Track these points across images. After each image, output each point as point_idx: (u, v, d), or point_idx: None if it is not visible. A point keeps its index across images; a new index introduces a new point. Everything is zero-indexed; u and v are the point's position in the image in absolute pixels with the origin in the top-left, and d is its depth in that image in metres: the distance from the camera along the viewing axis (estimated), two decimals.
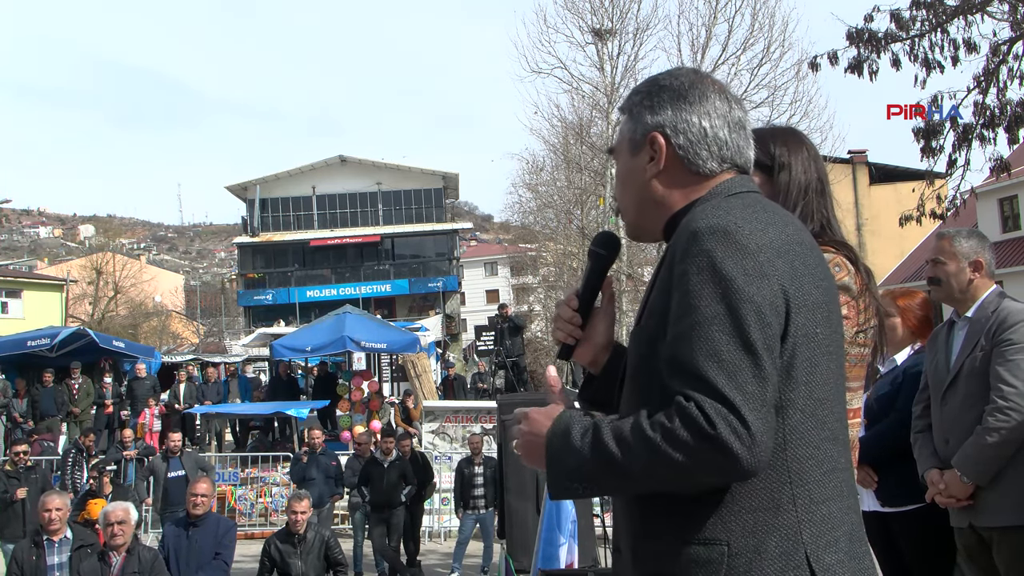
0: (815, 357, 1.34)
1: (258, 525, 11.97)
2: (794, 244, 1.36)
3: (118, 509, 5.78)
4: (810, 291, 1.34)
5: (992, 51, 8.68)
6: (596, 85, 21.48)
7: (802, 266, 1.34)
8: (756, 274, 1.28)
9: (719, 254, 1.29)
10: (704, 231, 1.32)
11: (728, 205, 1.39)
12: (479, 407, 13.78)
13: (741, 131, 1.51)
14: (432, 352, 22.65)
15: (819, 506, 1.31)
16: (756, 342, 1.24)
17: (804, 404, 1.32)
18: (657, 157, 1.50)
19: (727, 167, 1.50)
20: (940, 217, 9.67)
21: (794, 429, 1.31)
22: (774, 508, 1.28)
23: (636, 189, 1.55)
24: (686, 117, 1.48)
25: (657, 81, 1.55)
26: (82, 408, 15.18)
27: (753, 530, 1.28)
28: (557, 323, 1.66)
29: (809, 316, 1.33)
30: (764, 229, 1.33)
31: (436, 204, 45.68)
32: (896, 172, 29.21)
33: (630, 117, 1.56)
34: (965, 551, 3.32)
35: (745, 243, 1.30)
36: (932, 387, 3.43)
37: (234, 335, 46.66)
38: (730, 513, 1.28)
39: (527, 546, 5.91)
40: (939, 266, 3.40)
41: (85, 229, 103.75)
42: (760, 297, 1.27)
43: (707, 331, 1.25)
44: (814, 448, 1.32)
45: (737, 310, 1.25)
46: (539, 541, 5.33)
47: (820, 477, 1.32)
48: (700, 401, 1.22)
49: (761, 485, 1.28)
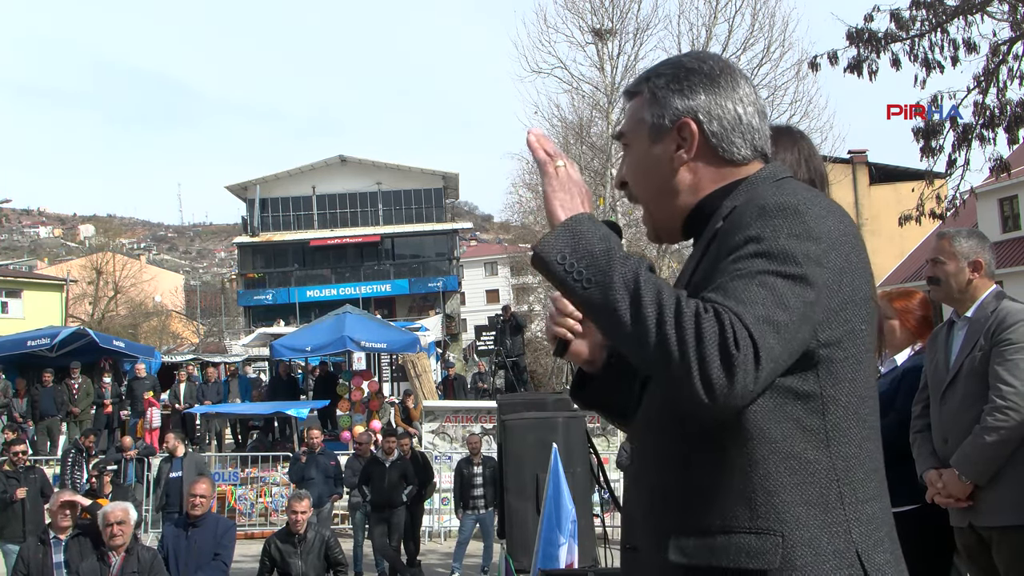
0: (859, 354, 1.31)
1: (258, 525, 11.97)
2: (849, 236, 1.30)
3: (117, 509, 5.78)
4: (860, 286, 1.31)
5: (992, 51, 8.69)
6: (596, 85, 21.49)
7: (856, 259, 1.30)
8: (815, 261, 1.23)
9: (785, 231, 1.24)
10: (774, 208, 1.27)
11: (794, 187, 1.35)
12: (479, 407, 13.78)
13: (765, 119, 1.47)
14: (432, 352, 22.65)
15: (864, 505, 1.29)
16: (794, 310, 1.19)
17: (847, 401, 1.29)
18: (688, 144, 1.43)
19: (757, 155, 1.45)
20: (940, 217, 9.68)
21: (836, 426, 1.28)
22: (823, 504, 1.26)
23: (659, 178, 1.47)
24: (721, 102, 1.42)
25: (683, 64, 1.47)
26: (82, 408, 15.19)
27: (806, 523, 1.24)
28: (553, 317, 1.57)
29: (856, 311, 1.30)
30: (826, 217, 1.28)
31: (436, 204, 45.68)
32: (896, 172, 29.22)
33: (653, 101, 1.46)
34: (964, 551, 3.33)
35: (812, 226, 1.25)
36: (931, 387, 3.44)
37: (234, 335, 46.65)
38: (783, 504, 1.24)
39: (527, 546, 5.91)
40: (939, 266, 3.41)
41: (85, 229, 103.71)
42: (816, 279, 1.22)
43: (750, 283, 1.20)
44: (856, 447, 1.30)
45: (789, 276, 1.21)
46: (539, 541, 5.33)
47: (863, 476, 1.30)
48: (733, 320, 1.16)
49: (810, 480, 1.26)
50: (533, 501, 6.33)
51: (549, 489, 5.40)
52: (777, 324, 1.18)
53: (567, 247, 1.26)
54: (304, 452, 10.71)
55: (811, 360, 1.26)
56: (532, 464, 6.28)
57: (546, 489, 5.46)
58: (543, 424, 6.22)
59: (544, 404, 6.85)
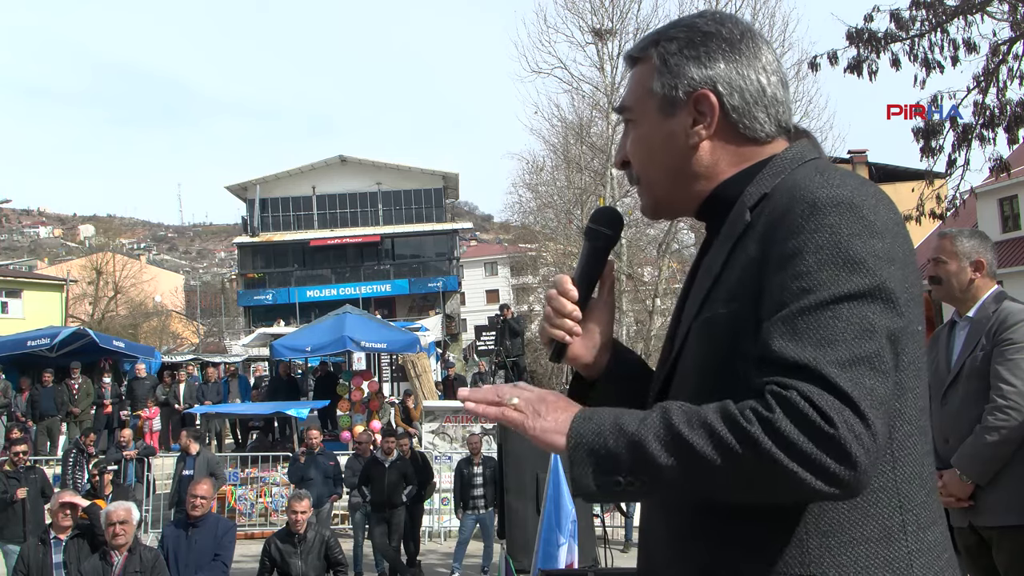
0: (918, 359, 1.14)
1: (258, 525, 11.98)
2: (901, 225, 1.15)
3: (120, 509, 5.81)
4: (916, 281, 1.14)
5: (992, 51, 8.68)
6: (596, 85, 21.51)
7: (909, 251, 1.14)
8: (886, 258, 1.07)
9: (846, 231, 1.07)
10: (827, 203, 1.09)
11: (836, 175, 1.15)
12: None
13: (788, 90, 1.30)
14: (432, 352, 22.65)
15: (926, 532, 1.12)
16: (881, 333, 1.03)
17: (911, 414, 1.13)
18: (707, 120, 1.25)
19: (781, 131, 1.28)
20: (940, 217, 9.67)
21: (902, 444, 1.12)
22: (886, 538, 1.09)
23: (672, 157, 1.28)
24: (743, 72, 1.24)
25: (697, 27, 1.28)
26: (82, 408, 15.19)
27: (866, 565, 1.07)
28: (548, 318, 1.36)
29: (914, 310, 1.12)
30: (877, 205, 1.12)
31: (436, 204, 45.68)
32: (896, 172, 29.20)
33: (665, 68, 1.27)
34: (965, 551, 3.33)
35: (873, 220, 1.09)
36: (932, 387, 3.43)
37: (234, 335, 46.68)
38: (839, 545, 1.08)
39: (527, 546, 5.91)
40: (940, 265, 3.40)
41: (85, 229, 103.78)
42: (892, 283, 1.06)
43: (822, 316, 1.04)
44: (918, 465, 1.13)
45: (865, 295, 1.05)
46: (539, 541, 5.33)
47: (924, 498, 1.13)
48: (808, 392, 0.98)
49: (872, 511, 1.09)
50: (533, 501, 6.34)
51: (549, 489, 5.40)
52: (870, 359, 1.01)
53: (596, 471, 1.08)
54: (303, 452, 10.71)
55: None
56: (532, 464, 6.28)
57: (546, 489, 5.46)
58: None
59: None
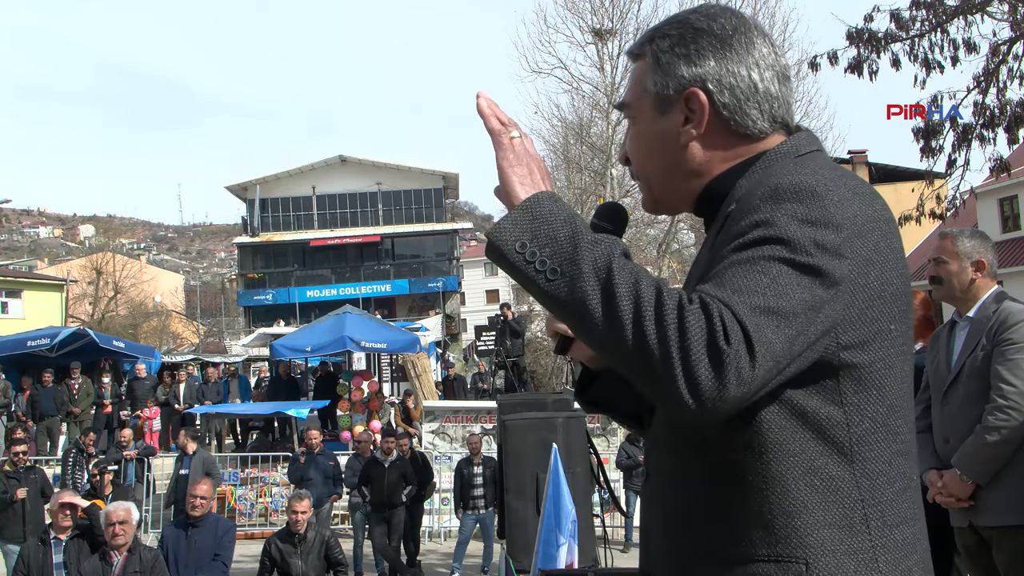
0: (890, 357, 1.14)
1: (258, 525, 11.97)
2: (880, 222, 1.13)
3: (120, 509, 5.81)
4: (891, 279, 1.13)
5: (992, 51, 8.69)
6: (596, 85, 21.53)
7: (887, 249, 1.13)
8: (833, 251, 1.06)
9: (799, 216, 1.08)
10: (788, 188, 1.10)
11: (815, 164, 1.16)
12: (479, 407, 13.78)
13: (788, 83, 1.28)
14: (432, 352, 22.65)
15: (893, 530, 1.13)
16: (799, 301, 1.03)
17: (875, 412, 1.13)
18: (697, 118, 1.25)
19: (778, 126, 1.27)
20: (940, 217, 9.68)
21: (862, 440, 1.12)
22: (848, 527, 1.11)
23: (666, 155, 1.29)
24: (733, 68, 1.23)
25: (689, 23, 1.27)
26: (82, 408, 15.19)
27: (831, 549, 1.10)
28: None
29: (885, 309, 1.12)
30: (851, 200, 1.11)
31: (436, 204, 45.68)
32: (896, 172, 29.22)
33: (657, 67, 1.28)
34: (965, 551, 3.33)
35: (832, 212, 1.08)
36: (933, 387, 3.44)
37: (234, 335, 46.68)
38: (805, 527, 1.10)
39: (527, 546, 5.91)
40: (941, 265, 3.40)
41: (85, 229, 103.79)
42: (828, 273, 1.06)
43: (749, 270, 1.05)
44: (886, 463, 1.14)
45: (795, 266, 1.05)
46: (539, 541, 5.33)
47: (893, 496, 1.14)
48: (723, 311, 1.01)
49: (834, 498, 1.11)
50: (533, 501, 6.33)
51: (549, 489, 5.40)
52: (779, 315, 1.02)
53: (526, 232, 1.10)
54: (303, 452, 10.70)
55: (832, 365, 1.11)
56: (532, 464, 6.28)
57: (546, 489, 5.46)
58: (543, 424, 6.22)
59: (544, 404, 6.86)
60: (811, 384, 1.11)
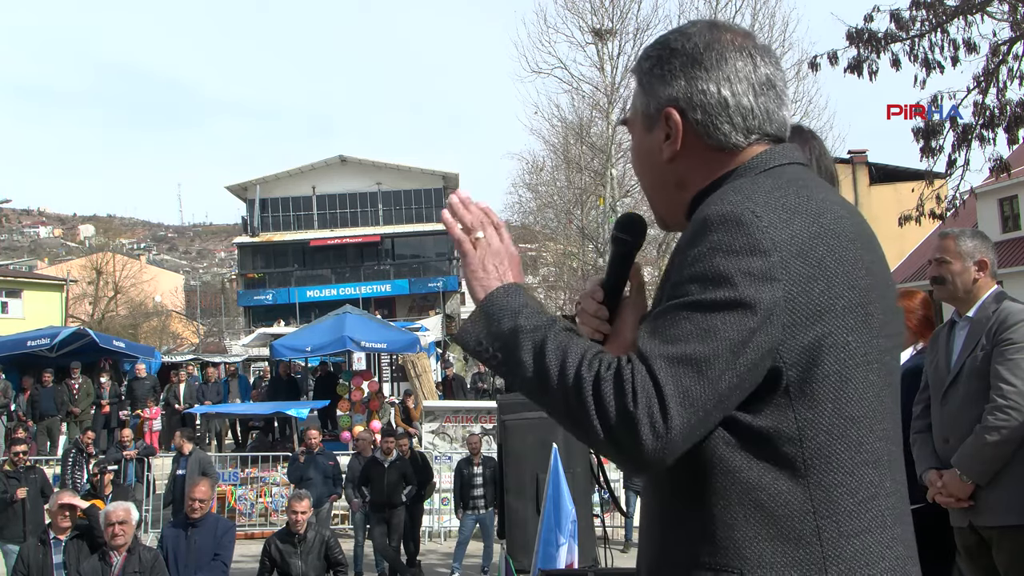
0: (846, 370, 1.16)
1: (258, 525, 11.97)
2: (828, 237, 1.17)
3: (119, 509, 5.81)
4: (841, 292, 1.16)
5: (992, 51, 8.68)
6: (596, 85, 21.53)
7: (834, 262, 1.16)
8: (760, 276, 1.11)
9: (724, 247, 1.13)
10: (715, 219, 1.16)
11: (754, 186, 1.20)
12: (479, 407, 13.78)
13: (770, 91, 1.31)
14: (432, 352, 22.65)
15: (850, 540, 1.15)
16: (721, 341, 1.09)
17: (831, 424, 1.16)
18: (673, 135, 1.31)
19: (755, 138, 1.30)
20: (940, 217, 9.67)
21: (818, 453, 1.15)
22: (795, 540, 1.14)
23: (653, 170, 1.37)
24: (702, 87, 1.28)
25: (668, 43, 1.34)
26: (82, 408, 15.19)
27: (770, 562, 1.14)
28: (581, 317, 1.46)
29: (837, 322, 1.15)
30: (789, 220, 1.15)
31: (436, 204, 45.66)
32: (896, 172, 29.24)
33: (641, 89, 1.37)
34: (965, 551, 3.32)
35: (759, 239, 1.12)
36: (932, 387, 3.43)
37: (234, 335, 46.69)
38: (745, 540, 1.14)
39: (527, 546, 5.91)
40: (944, 265, 3.39)
41: (85, 229, 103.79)
42: (754, 300, 1.10)
43: (670, 317, 1.13)
44: (846, 474, 1.16)
45: (717, 306, 1.10)
46: (539, 541, 5.33)
47: (853, 507, 1.16)
48: (637, 371, 1.09)
49: (780, 512, 1.14)
50: (533, 501, 6.34)
51: (549, 489, 5.40)
52: (698, 361, 1.08)
53: (482, 331, 1.25)
54: (302, 452, 10.70)
55: (778, 382, 1.14)
56: (532, 464, 6.29)
57: (546, 489, 5.46)
58: (543, 424, 6.22)
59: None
60: (759, 403, 1.15)
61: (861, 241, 1.22)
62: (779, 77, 1.33)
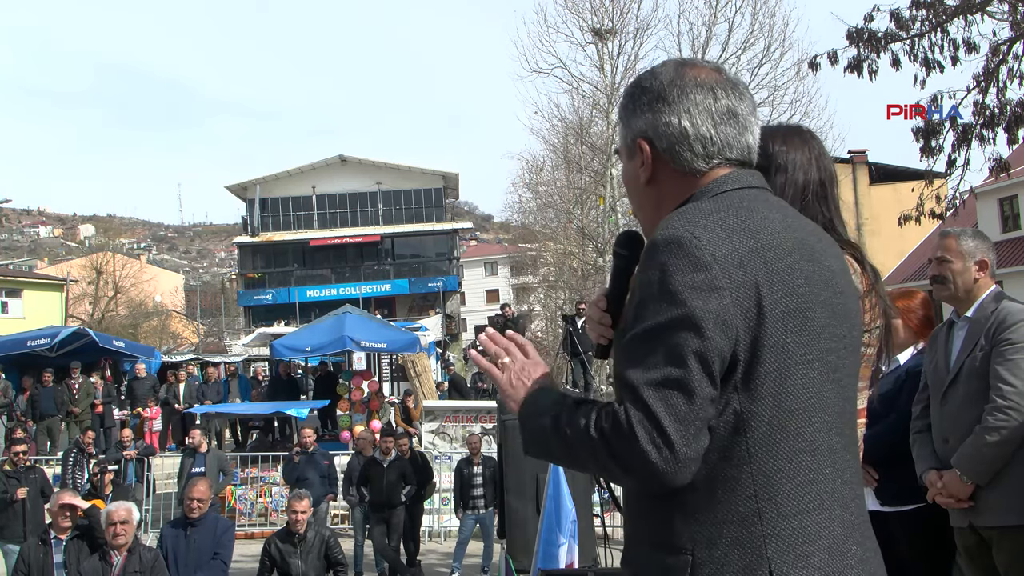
0: (785, 368, 1.31)
1: (258, 525, 11.98)
2: (765, 251, 1.32)
3: (121, 509, 5.81)
4: (779, 299, 1.30)
5: (992, 51, 8.68)
6: (596, 85, 21.53)
7: (771, 274, 1.31)
8: (705, 288, 1.27)
9: (670, 267, 1.29)
10: (660, 242, 1.32)
11: (695, 211, 1.37)
12: (479, 407, 13.79)
13: (732, 121, 1.47)
14: (432, 352, 22.65)
15: (788, 520, 1.29)
16: (690, 358, 1.25)
17: (771, 416, 1.30)
18: (646, 163, 1.50)
19: (716, 163, 1.46)
20: (939, 217, 9.68)
21: (759, 442, 1.29)
22: (739, 521, 1.28)
23: (635, 193, 1.57)
24: (665, 119, 1.46)
25: (640, 83, 1.54)
26: (82, 408, 15.19)
27: (717, 542, 1.28)
28: (588, 323, 1.66)
29: (777, 326, 1.30)
30: (728, 237, 1.31)
31: (436, 204, 45.69)
32: (896, 172, 29.23)
33: (621, 122, 1.58)
34: (965, 551, 3.32)
35: (699, 256, 1.28)
36: (932, 387, 3.43)
37: (234, 335, 46.68)
38: (696, 524, 1.30)
39: (527, 546, 5.91)
40: (945, 264, 3.37)
41: (85, 229, 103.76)
42: (703, 311, 1.26)
43: (643, 344, 1.29)
44: (784, 461, 1.30)
45: (676, 325, 1.26)
46: (539, 541, 5.33)
47: (791, 490, 1.30)
48: (628, 409, 1.26)
49: (725, 498, 1.29)
50: (533, 501, 6.34)
51: (549, 489, 5.40)
52: (678, 381, 1.25)
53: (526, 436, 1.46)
54: (297, 453, 10.67)
55: (726, 380, 1.29)
56: (532, 464, 6.28)
57: (546, 489, 5.46)
58: None
59: None
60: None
61: (800, 254, 1.36)
62: (743, 107, 1.48)
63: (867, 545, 1.38)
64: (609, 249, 21.01)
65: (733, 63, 19.76)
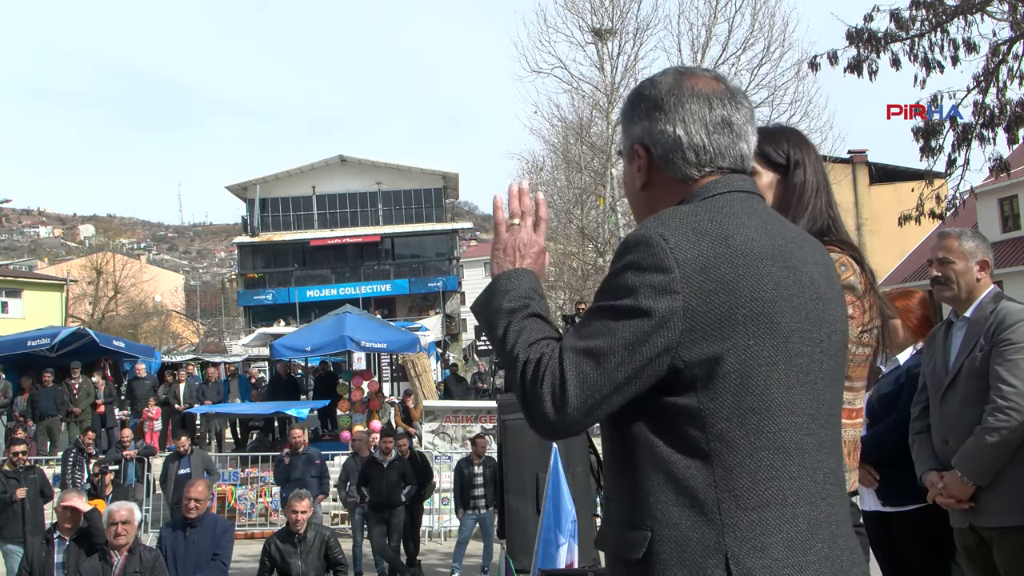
0: (747, 369, 1.35)
1: (258, 525, 11.97)
2: (733, 256, 1.36)
3: (122, 509, 5.82)
4: (743, 304, 1.34)
5: (992, 51, 8.69)
6: (596, 85, 21.50)
7: (737, 279, 1.35)
8: (661, 289, 1.33)
9: (634, 265, 1.36)
10: (631, 241, 1.39)
11: (673, 213, 1.42)
12: (479, 407, 13.78)
13: (726, 130, 1.51)
14: (432, 352, 22.64)
15: (747, 512, 1.33)
16: (618, 340, 1.34)
17: (730, 414, 1.35)
18: (642, 168, 1.56)
19: (709, 171, 1.51)
20: (940, 217, 9.68)
21: (719, 437, 1.35)
22: (698, 507, 1.34)
23: (632, 197, 1.63)
24: (661, 128, 1.51)
25: (640, 90, 1.59)
26: (82, 408, 15.19)
27: (676, 523, 1.34)
28: None
29: (737, 329, 1.34)
30: (697, 241, 1.36)
31: (436, 204, 45.69)
32: (896, 172, 29.28)
33: (621, 128, 1.64)
34: (965, 551, 3.32)
35: (662, 258, 1.34)
36: (931, 388, 3.42)
37: (234, 335, 46.70)
38: (657, 504, 1.36)
39: (527, 546, 5.91)
40: (947, 265, 3.36)
41: (85, 229, 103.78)
42: (650, 308, 1.33)
43: (587, 318, 1.40)
44: (744, 456, 1.35)
45: (620, 312, 1.35)
46: (539, 541, 5.33)
47: (751, 484, 1.34)
48: (551, 360, 1.38)
49: (687, 484, 1.35)
50: (533, 501, 6.33)
51: (549, 489, 5.40)
52: (597, 354, 1.35)
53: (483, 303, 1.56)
54: (287, 453, 10.63)
55: (685, 377, 1.35)
56: (532, 464, 6.28)
57: (546, 489, 5.46)
58: None
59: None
60: (674, 393, 1.37)
61: (774, 260, 1.40)
62: (738, 117, 1.53)
63: (838, 544, 1.39)
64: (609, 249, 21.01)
65: (733, 63, 19.79)
